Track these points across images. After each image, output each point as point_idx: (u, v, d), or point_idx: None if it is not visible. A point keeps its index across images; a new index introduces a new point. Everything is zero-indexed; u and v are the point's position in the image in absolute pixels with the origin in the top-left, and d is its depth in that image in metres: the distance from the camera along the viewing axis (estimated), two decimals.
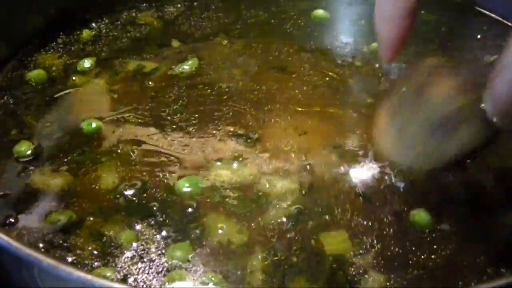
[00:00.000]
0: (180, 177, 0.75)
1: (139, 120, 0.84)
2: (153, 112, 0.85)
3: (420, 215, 0.70)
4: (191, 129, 0.83)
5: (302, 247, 0.67)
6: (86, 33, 1.02)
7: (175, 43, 1.01)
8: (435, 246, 0.68)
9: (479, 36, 1.01)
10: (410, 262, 0.66)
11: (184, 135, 0.81)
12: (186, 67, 0.94)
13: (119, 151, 0.79)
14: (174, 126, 0.83)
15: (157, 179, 0.75)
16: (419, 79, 0.65)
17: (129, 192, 0.73)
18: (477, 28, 1.03)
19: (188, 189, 0.73)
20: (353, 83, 0.92)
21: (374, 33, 0.62)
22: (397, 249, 0.67)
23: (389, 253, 0.67)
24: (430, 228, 0.69)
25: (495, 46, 0.98)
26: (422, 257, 0.66)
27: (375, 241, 0.68)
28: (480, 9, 1.07)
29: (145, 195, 0.73)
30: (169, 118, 0.84)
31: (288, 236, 0.68)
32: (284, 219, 0.70)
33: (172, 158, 0.78)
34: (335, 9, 1.09)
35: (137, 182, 0.74)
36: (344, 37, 1.02)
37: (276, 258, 0.66)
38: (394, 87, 0.70)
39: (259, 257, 0.66)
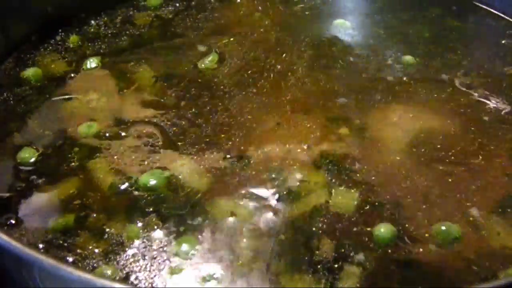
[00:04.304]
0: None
1: (144, 121, 0.83)
2: (159, 113, 0.84)
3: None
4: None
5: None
6: (73, 38, 0.99)
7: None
8: None
9: (504, 41, 1.00)
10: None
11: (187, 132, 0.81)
12: (207, 63, 0.93)
13: (118, 150, 0.78)
14: (177, 124, 0.82)
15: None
16: None
17: (128, 190, 0.73)
18: (502, 33, 1.01)
19: (153, 182, 0.73)
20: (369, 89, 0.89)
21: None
22: None
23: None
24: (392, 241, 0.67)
25: None
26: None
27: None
28: (503, 15, 1.05)
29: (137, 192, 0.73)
30: (170, 117, 0.83)
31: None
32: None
33: (168, 153, 0.77)
34: (355, 18, 1.07)
35: (134, 180, 0.74)
36: (362, 47, 0.99)
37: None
38: None
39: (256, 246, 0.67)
